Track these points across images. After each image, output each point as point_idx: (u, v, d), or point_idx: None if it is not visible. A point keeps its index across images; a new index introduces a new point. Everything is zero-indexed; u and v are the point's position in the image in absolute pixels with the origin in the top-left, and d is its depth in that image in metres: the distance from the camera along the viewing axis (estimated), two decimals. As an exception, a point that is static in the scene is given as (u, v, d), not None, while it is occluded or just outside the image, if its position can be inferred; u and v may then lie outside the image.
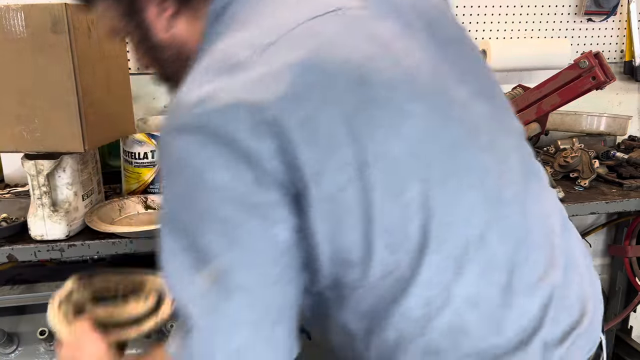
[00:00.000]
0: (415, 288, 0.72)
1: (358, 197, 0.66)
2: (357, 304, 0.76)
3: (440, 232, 0.70)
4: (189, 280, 0.65)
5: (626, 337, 2.46)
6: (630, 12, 2.51)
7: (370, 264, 0.70)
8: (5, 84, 1.39)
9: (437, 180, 0.70)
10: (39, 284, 1.75)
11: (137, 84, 2.10)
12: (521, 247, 0.77)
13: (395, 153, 0.67)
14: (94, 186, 1.61)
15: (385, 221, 0.68)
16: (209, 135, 0.61)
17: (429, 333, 0.74)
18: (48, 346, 1.71)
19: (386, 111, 0.66)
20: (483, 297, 0.74)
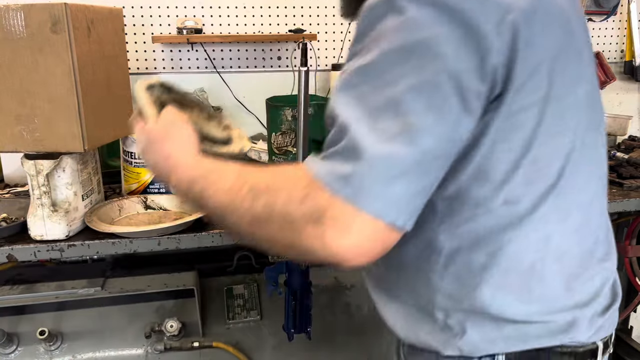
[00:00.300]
0: (525, 225, 0.82)
1: (532, 122, 0.78)
2: (462, 222, 0.83)
3: (568, 183, 0.83)
4: (376, 118, 0.71)
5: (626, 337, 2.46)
6: (630, 12, 2.51)
7: (503, 188, 0.80)
8: (5, 84, 1.39)
9: (582, 138, 0.84)
10: (38, 284, 1.75)
11: (137, 84, 2.10)
12: (604, 223, 0.94)
13: (570, 100, 0.81)
14: (93, 186, 1.61)
15: (539, 152, 0.80)
16: (455, 16, 0.71)
17: (512, 270, 0.84)
18: (48, 346, 1.71)
19: (575, 57, 0.82)
20: (570, 254, 0.86)
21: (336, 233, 0.69)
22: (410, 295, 0.94)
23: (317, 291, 1.93)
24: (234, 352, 1.79)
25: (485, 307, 0.86)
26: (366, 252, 0.72)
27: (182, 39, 2.07)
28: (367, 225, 0.70)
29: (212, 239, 1.52)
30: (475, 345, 0.88)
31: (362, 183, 0.69)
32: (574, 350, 0.89)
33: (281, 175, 0.77)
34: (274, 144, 1.73)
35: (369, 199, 0.69)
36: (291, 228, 0.72)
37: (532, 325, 0.87)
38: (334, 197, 0.70)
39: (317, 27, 2.28)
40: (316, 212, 0.70)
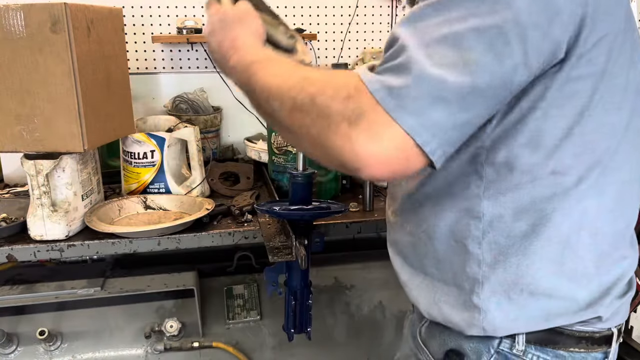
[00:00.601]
0: (570, 197, 0.85)
1: (587, 93, 0.81)
2: (508, 189, 0.85)
3: (612, 162, 0.86)
4: (435, 46, 0.73)
5: (626, 337, 2.46)
6: (630, 12, 2.51)
7: (553, 156, 0.83)
8: (5, 84, 1.39)
9: (630, 121, 0.87)
10: (38, 284, 1.75)
11: (137, 84, 2.10)
12: (636, 211, 0.96)
13: (622, 81, 0.84)
14: (93, 186, 1.61)
15: (590, 125, 0.82)
16: None
17: (550, 241, 0.86)
18: (47, 346, 1.71)
19: (630, 41, 0.84)
20: (602, 232, 0.89)
21: (367, 137, 0.71)
22: (439, 267, 0.96)
23: (317, 291, 1.93)
24: (233, 352, 1.79)
25: (518, 277, 0.88)
26: (388, 165, 0.73)
27: (182, 39, 2.07)
28: (397, 139, 0.72)
29: (212, 239, 1.52)
30: (498, 324, 0.90)
31: (405, 97, 0.71)
32: (591, 335, 0.92)
33: (333, 75, 0.80)
34: (274, 144, 1.73)
35: (407, 114, 0.71)
36: (327, 122, 0.74)
37: (556, 301, 0.89)
38: (375, 104, 0.72)
39: (317, 27, 2.28)
40: (355, 112, 0.72)
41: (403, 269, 1.04)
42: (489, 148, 0.85)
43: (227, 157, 2.23)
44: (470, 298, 0.91)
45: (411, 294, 1.03)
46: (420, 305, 1.00)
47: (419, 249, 0.98)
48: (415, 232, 0.99)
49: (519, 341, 0.91)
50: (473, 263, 0.90)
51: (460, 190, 0.90)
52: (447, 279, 0.95)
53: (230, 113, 2.26)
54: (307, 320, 1.38)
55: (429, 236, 0.96)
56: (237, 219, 1.59)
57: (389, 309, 1.95)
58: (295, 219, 1.28)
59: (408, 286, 1.03)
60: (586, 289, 0.90)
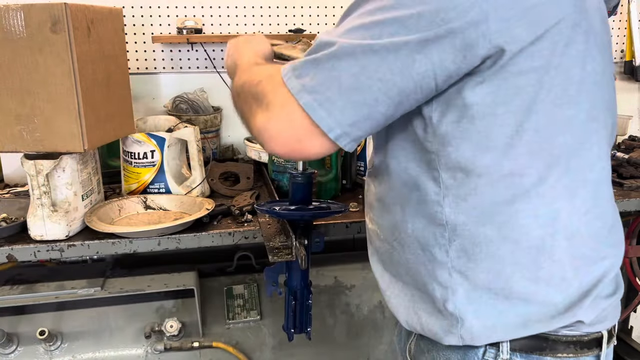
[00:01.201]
0: (534, 198, 0.84)
1: (532, 88, 0.80)
2: (467, 194, 0.85)
3: (576, 160, 0.85)
4: (345, 34, 0.79)
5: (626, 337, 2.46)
6: (630, 12, 2.51)
7: (507, 155, 0.82)
8: (5, 84, 1.39)
9: (591, 115, 0.86)
10: (38, 284, 1.75)
11: (137, 84, 2.10)
12: (611, 210, 0.96)
13: (576, 74, 0.83)
14: (93, 186, 1.61)
15: (542, 120, 0.81)
16: None
17: (520, 244, 0.85)
18: (48, 346, 1.71)
19: (582, 35, 0.83)
20: (579, 234, 0.87)
21: (265, 115, 0.82)
22: (411, 275, 0.94)
23: (317, 291, 1.93)
24: (233, 352, 1.79)
25: (491, 283, 0.86)
26: (283, 142, 0.81)
27: (182, 39, 2.07)
28: (292, 116, 0.79)
29: (212, 239, 1.52)
30: (476, 332, 0.88)
31: (305, 76, 0.79)
32: (579, 339, 0.90)
33: (267, 67, 0.94)
34: (274, 144, 1.73)
35: (306, 92, 0.78)
36: (246, 103, 0.88)
37: (534, 306, 0.87)
38: (280, 86, 0.81)
39: (317, 27, 2.28)
40: (260, 94, 0.84)
41: (383, 277, 1.03)
42: (438, 152, 0.85)
43: (227, 157, 2.23)
44: (445, 306, 0.89)
45: (390, 303, 1.02)
46: (399, 315, 0.99)
47: (394, 257, 0.98)
48: (389, 240, 0.98)
49: (503, 350, 0.89)
50: (443, 271, 0.89)
51: (420, 198, 0.89)
52: (420, 287, 0.93)
53: (230, 113, 2.25)
54: (307, 320, 1.38)
55: (400, 244, 0.95)
56: (237, 219, 1.59)
57: (389, 309, 1.95)
58: (295, 219, 1.28)
59: (387, 294, 1.02)
60: (565, 292, 0.88)
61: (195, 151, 1.74)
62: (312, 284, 1.37)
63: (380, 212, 1.00)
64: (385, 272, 1.02)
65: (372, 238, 1.07)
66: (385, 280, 1.02)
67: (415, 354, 1.01)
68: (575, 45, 0.82)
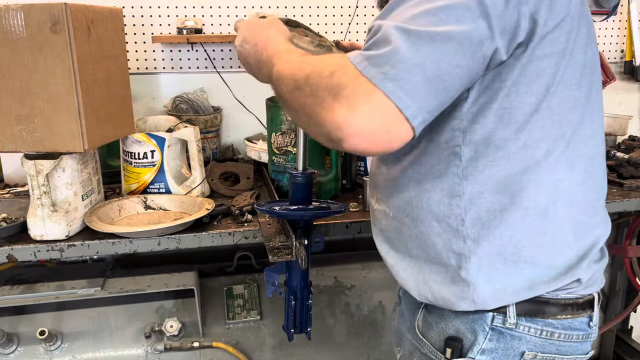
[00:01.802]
0: (542, 169, 0.91)
1: (551, 70, 0.89)
2: (485, 166, 0.91)
3: (578, 135, 0.93)
4: (411, 20, 0.80)
5: (626, 337, 2.46)
6: (630, 12, 2.51)
7: (524, 129, 0.89)
8: (5, 84, 1.39)
9: (590, 95, 0.95)
10: (38, 284, 1.75)
11: (137, 84, 2.10)
12: (603, 182, 1.03)
13: (581, 59, 0.91)
14: (93, 186, 1.61)
15: (556, 100, 0.90)
16: None
17: (529, 211, 0.92)
18: (48, 346, 1.71)
19: (585, 24, 0.92)
20: (576, 202, 0.96)
21: (347, 108, 0.76)
22: (423, 247, 1.00)
23: (317, 291, 1.93)
24: (234, 352, 1.79)
25: (503, 248, 0.94)
26: (370, 136, 0.77)
27: (182, 39, 2.07)
28: (378, 107, 0.76)
29: (212, 239, 1.52)
30: (487, 296, 0.96)
31: (385, 64, 0.77)
32: (575, 301, 0.99)
33: (328, 57, 0.89)
34: (274, 144, 1.73)
35: (388, 79, 0.76)
36: (316, 98, 0.80)
37: (539, 269, 0.95)
38: (358, 76, 0.78)
39: (317, 27, 2.28)
40: (337, 86, 0.78)
41: (389, 255, 1.09)
42: (465, 128, 0.91)
43: (227, 157, 2.23)
44: (459, 273, 0.96)
45: (399, 277, 1.07)
46: (409, 287, 1.05)
47: (403, 232, 1.03)
48: (399, 217, 1.03)
49: (510, 315, 0.97)
50: (458, 240, 0.95)
51: (440, 172, 0.95)
52: (432, 259, 0.99)
53: (230, 113, 2.26)
54: (307, 320, 1.38)
55: (412, 219, 1.00)
56: (237, 219, 1.59)
57: (389, 309, 1.95)
58: (295, 219, 1.28)
59: (395, 269, 1.07)
60: (566, 256, 0.96)
61: (195, 151, 1.74)
62: (312, 284, 1.37)
63: (391, 191, 1.04)
64: (391, 249, 1.08)
65: (377, 218, 1.12)
66: (393, 257, 1.07)
67: (423, 329, 1.07)
68: (581, 34, 0.91)
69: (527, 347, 0.98)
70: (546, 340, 0.98)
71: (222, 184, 1.87)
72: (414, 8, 0.81)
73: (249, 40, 1.05)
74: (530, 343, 0.98)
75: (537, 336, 0.98)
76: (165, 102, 2.18)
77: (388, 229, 1.07)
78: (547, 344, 0.99)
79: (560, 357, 1.00)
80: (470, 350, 0.99)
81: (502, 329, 0.98)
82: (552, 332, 0.98)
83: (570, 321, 0.99)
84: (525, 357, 0.98)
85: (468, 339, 0.99)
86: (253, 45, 1.04)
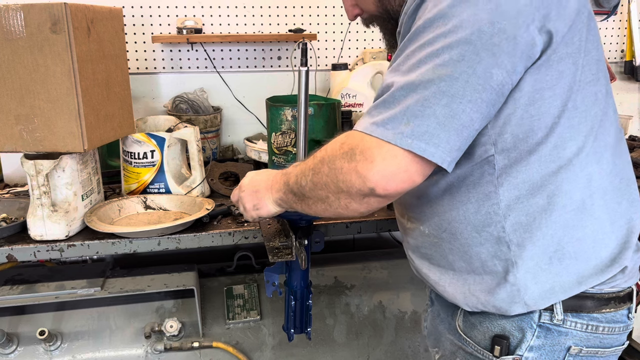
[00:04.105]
0: (574, 166, 0.94)
1: (571, 70, 0.90)
2: (519, 171, 0.94)
3: (602, 127, 0.97)
4: (416, 67, 0.85)
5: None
6: (630, 12, 2.51)
7: (553, 132, 0.91)
8: (5, 84, 1.39)
9: (606, 87, 0.98)
10: (38, 284, 1.75)
11: (137, 84, 2.10)
12: (628, 162, 1.06)
13: (595, 54, 0.94)
14: (93, 186, 1.61)
15: (579, 98, 0.92)
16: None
17: (567, 208, 0.95)
18: (47, 346, 1.71)
19: (594, 20, 0.95)
20: (608, 191, 0.98)
21: (365, 163, 0.84)
22: (466, 259, 1.01)
23: (317, 291, 1.93)
24: (234, 352, 1.79)
25: (545, 248, 0.96)
26: (392, 175, 0.84)
27: (182, 39, 2.07)
28: (387, 150, 0.83)
29: (212, 239, 1.52)
30: (538, 296, 0.98)
31: (399, 125, 0.83)
32: (617, 295, 1.02)
33: (334, 139, 0.93)
34: (274, 144, 1.73)
35: (405, 137, 0.82)
36: (335, 169, 0.88)
37: (584, 263, 0.97)
38: (364, 136, 0.85)
39: (317, 27, 2.28)
40: (349, 150, 0.86)
41: (431, 270, 1.09)
42: (495, 141, 0.93)
43: (227, 157, 2.23)
44: (506, 279, 0.98)
45: (446, 293, 1.07)
46: (458, 301, 1.06)
47: (442, 247, 1.04)
48: (436, 233, 1.05)
49: (557, 312, 0.99)
50: (502, 246, 0.97)
51: (474, 182, 0.97)
52: (476, 269, 1.01)
53: (230, 113, 2.26)
54: (307, 320, 1.38)
55: (451, 234, 1.02)
56: (237, 219, 1.59)
57: (389, 309, 1.95)
58: (295, 219, 1.28)
59: (440, 285, 1.08)
60: (608, 246, 0.98)
61: (195, 151, 1.74)
62: (312, 284, 1.37)
63: (424, 208, 1.06)
64: (432, 265, 1.09)
65: (412, 236, 1.13)
66: (435, 273, 1.08)
67: (465, 329, 1.08)
68: (592, 31, 0.94)
69: (572, 342, 1.00)
70: (591, 334, 1.01)
71: (222, 184, 1.87)
72: (418, 53, 0.85)
73: (244, 200, 1.14)
74: (576, 338, 1.00)
75: (582, 331, 1.00)
76: (165, 102, 2.18)
77: (425, 246, 1.09)
78: (591, 338, 1.01)
79: (603, 351, 1.03)
80: (518, 348, 1.01)
81: (549, 326, 1.00)
82: (596, 326, 1.00)
83: (612, 314, 1.01)
84: (571, 351, 1.00)
85: (515, 337, 1.01)
86: (250, 201, 1.13)
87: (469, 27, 0.82)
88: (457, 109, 0.82)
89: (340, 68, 2.19)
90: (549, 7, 0.85)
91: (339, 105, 1.80)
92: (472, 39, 0.82)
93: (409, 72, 0.85)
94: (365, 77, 2.13)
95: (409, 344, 1.94)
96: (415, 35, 0.87)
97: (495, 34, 0.82)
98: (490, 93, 0.84)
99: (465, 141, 0.86)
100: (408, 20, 0.94)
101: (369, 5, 1.12)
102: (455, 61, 0.82)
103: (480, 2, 0.83)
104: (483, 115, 0.85)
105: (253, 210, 1.13)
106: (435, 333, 1.20)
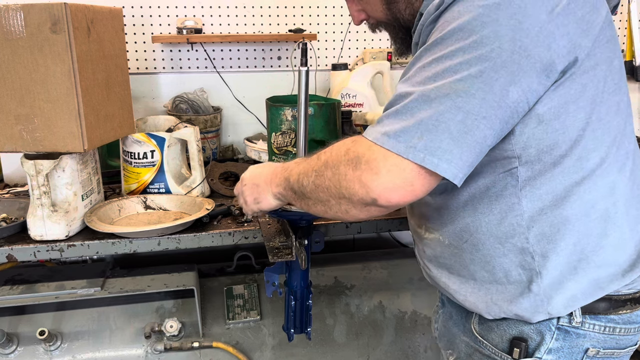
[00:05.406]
0: (597, 176, 0.94)
1: (594, 82, 0.90)
2: (542, 183, 0.93)
3: (623, 136, 0.97)
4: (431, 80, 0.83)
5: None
6: (630, 12, 2.51)
7: (578, 145, 0.91)
8: (5, 84, 1.39)
9: (627, 95, 0.98)
10: (38, 284, 1.75)
11: (137, 84, 2.10)
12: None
13: (616, 63, 0.94)
14: (93, 186, 1.61)
15: (603, 109, 0.92)
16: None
17: (590, 217, 0.95)
18: (47, 346, 1.71)
19: (612, 28, 0.94)
20: (629, 198, 0.98)
21: (370, 174, 0.83)
22: (488, 270, 1.01)
23: (317, 291, 1.93)
24: (233, 352, 1.79)
25: (569, 257, 0.96)
26: (395, 188, 0.83)
27: (182, 39, 2.07)
28: (394, 163, 0.82)
29: (212, 239, 1.52)
30: (561, 305, 0.98)
31: (412, 138, 0.82)
32: (633, 296, 1.02)
33: (340, 142, 0.92)
34: (274, 144, 1.73)
35: (417, 151, 0.81)
36: (338, 174, 0.88)
37: (605, 269, 0.98)
38: (371, 146, 0.85)
39: (317, 27, 2.28)
40: (355, 158, 0.86)
41: (450, 280, 1.08)
42: (520, 156, 0.93)
43: (227, 157, 2.23)
44: (530, 288, 0.98)
45: (467, 302, 1.07)
46: (479, 310, 1.05)
47: (463, 258, 1.04)
48: (456, 244, 1.04)
49: (576, 315, 0.99)
50: (526, 257, 0.97)
51: (497, 194, 0.96)
52: (499, 279, 1.01)
53: (230, 113, 2.26)
54: (307, 320, 1.38)
55: (473, 245, 1.01)
56: (237, 219, 1.59)
57: (389, 309, 1.95)
58: (295, 219, 1.28)
59: (461, 294, 1.07)
60: (627, 252, 0.99)
61: (195, 151, 1.74)
62: (312, 284, 1.37)
63: (444, 219, 1.05)
64: (452, 275, 1.08)
65: (430, 246, 1.12)
66: (455, 283, 1.08)
67: (482, 331, 1.08)
68: (612, 40, 0.93)
69: (590, 343, 1.01)
70: (608, 335, 1.01)
71: (222, 184, 1.87)
72: (435, 66, 0.84)
73: (246, 195, 1.14)
74: (593, 339, 1.01)
75: (600, 332, 1.01)
76: (165, 102, 2.18)
77: (444, 256, 1.08)
78: (608, 339, 1.01)
79: (619, 352, 1.03)
80: (537, 350, 1.01)
81: (568, 328, 1.00)
82: (614, 328, 1.01)
83: (629, 315, 1.02)
84: (588, 353, 1.01)
85: (534, 340, 1.01)
86: (253, 195, 1.12)
87: (489, 43, 0.81)
88: (472, 125, 0.82)
89: (340, 68, 2.19)
90: (573, 25, 0.84)
91: (339, 105, 1.80)
92: (492, 55, 0.81)
93: (424, 84, 0.84)
94: (365, 77, 2.13)
95: (409, 344, 1.94)
96: (433, 46, 0.86)
97: (516, 52, 0.81)
98: (505, 110, 0.83)
99: (477, 157, 0.85)
100: (425, 30, 0.93)
101: (377, 13, 1.11)
102: (473, 77, 0.81)
103: (502, 18, 0.81)
104: (496, 132, 0.85)
105: (254, 204, 1.13)
106: (448, 335, 1.19)
